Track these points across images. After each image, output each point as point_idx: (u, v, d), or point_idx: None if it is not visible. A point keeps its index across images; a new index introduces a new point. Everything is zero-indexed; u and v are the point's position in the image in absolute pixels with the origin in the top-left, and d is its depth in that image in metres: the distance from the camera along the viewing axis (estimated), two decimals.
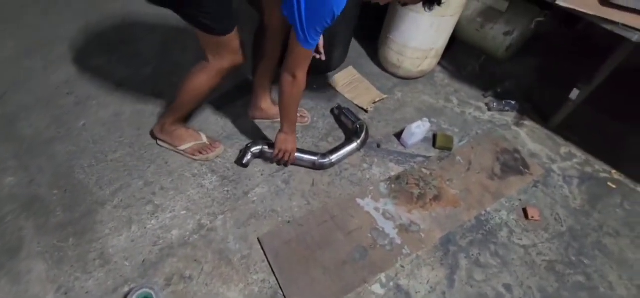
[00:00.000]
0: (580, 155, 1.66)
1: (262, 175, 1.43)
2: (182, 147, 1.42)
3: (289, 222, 1.31)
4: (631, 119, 1.84)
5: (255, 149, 1.42)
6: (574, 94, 1.50)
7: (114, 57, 1.83)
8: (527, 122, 1.76)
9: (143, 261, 1.17)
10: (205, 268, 1.17)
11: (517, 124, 1.75)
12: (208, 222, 1.28)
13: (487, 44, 1.91)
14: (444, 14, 1.58)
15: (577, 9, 1.26)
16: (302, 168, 1.47)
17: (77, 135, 1.49)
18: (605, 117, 1.84)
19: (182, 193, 1.35)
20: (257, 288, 1.15)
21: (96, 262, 1.15)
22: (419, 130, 1.53)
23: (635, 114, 1.87)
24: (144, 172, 1.39)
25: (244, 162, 1.40)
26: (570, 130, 1.71)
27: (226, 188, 1.38)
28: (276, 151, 1.38)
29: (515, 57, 2.02)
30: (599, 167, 1.62)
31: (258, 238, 1.25)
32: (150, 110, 1.60)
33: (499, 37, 1.84)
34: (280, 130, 1.34)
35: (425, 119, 1.57)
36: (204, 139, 1.46)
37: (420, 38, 1.68)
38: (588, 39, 2.07)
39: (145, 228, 1.25)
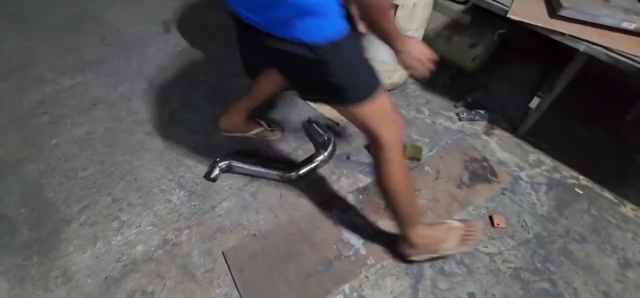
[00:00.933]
0: (548, 162, 1.68)
1: (230, 189, 1.45)
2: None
3: (254, 235, 1.32)
4: (601, 125, 1.87)
5: (223, 164, 1.44)
6: (534, 102, 1.53)
7: (90, 76, 1.86)
8: (497, 131, 1.79)
9: (105, 278, 1.18)
10: (167, 283, 1.18)
11: (487, 133, 1.77)
12: (173, 237, 1.29)
13: (455, 56, 1.95)
14: (408, 28, 1.62)
15: (527, 21, 1.30)
16: (271, 182, 1.48)
17: (48, 154, 1.51)
18: (575, 123, 1.87)
19: (149, 208, 1.36)
20: None
21: (58, 280, 1.16)
22: None
23: (604, 120, 1.90)
24: (113, 188, 1.41)
25: (212, 176, 1.42)
26: (540, 138, 1.74)
27: (193, 203, 1.39)
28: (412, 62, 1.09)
29: (485, 68, 2.06)
30: (567, 173, 1.65)
31: (222, 252, 1.26)
32: (124, 128, 1.62)
33: (465, 49, 1.88)
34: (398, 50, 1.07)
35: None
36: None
37: (387, 51, 1.71)
38: (553, 47, 2.12)
39: (110, 244, 1.25)
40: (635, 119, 1.93)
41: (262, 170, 1.46)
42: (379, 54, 1.73)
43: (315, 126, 1.65)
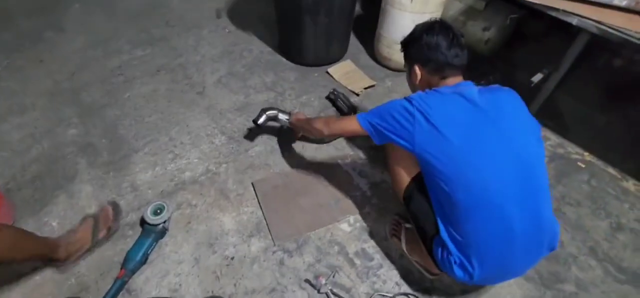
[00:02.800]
0: (554, 138, 1.79)
1: (261, 138, 1.73)
2: None
3: (278, 172, 1.59)
4: (616, 111, 1.94)
5: (271, 112, 1.59)
6: (537, 77, 1.66)
7: (156, 49, 2.26)
8: None
9: (161, 191, 1.50)
10: (207, 200, 1.48)
11: None
12: (214, 168, 1.59)
13: (469, 40, 2.11)
14: (424, 12, 1.82)
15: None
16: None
17: (122, 104, 1.89)
18: (590, 109, 1.95)
19: (197, 147, 1.68)
20: (246, 217, 1.43)
21: (128, 189, 1.50)
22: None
23: (620, 106, 1.96)
24: (170, 131, 1.75)
25: (260, 122, 1.58)
26: (548, 117, 1.85)
27: (231, 146, 1.69)
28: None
29: (500, 54, 2.20)
30: (572, 149, 1.75)
31: (252, 183, 1.54)
32: (180, 88, 1.98)
33: (478, 32, 2.03)
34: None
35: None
36: None
37: (404, 33, 1.92)
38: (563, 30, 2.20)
39: (165, 169, 1.58)
40: None
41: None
42: (396, 37, 1.96)
43: (340, 97, 1.88)
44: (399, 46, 1.96)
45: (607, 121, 1.90)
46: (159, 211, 1.32)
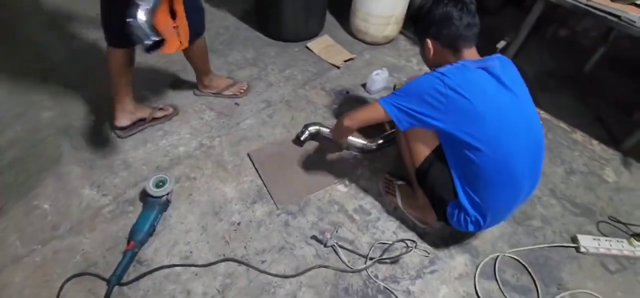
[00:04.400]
0: None
1: (250, 111, 1.77)
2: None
3: (272, 143, 1.64)
4: (563, 75, 2.21)
5: (313, 129, 1.59)
6: (501, 44, 1.85)
7: None
8: None
9: (157, 166, 1.49)
10: (206, 172, 1.50)
11: None
12: (208, 142, 1.61)
13: None
14: None
15: None
16: (284, 107, 1.80)
17: (100, 83, 1.81)
18: (544, 74, 2.20)
19: (186, 123, 1.68)
20: (247, 186, 1.47)
21: (120, 166, 1.48)
22: (379, 77, 1.87)
23: (567, 72, 2.23)
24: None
25: (302, 138, 1.58)
26: None
27: (222, 120, 1.71)
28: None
29: None
30: None
31: (247, 154, 1.58)
32: (161, 65, 1.93)
33: None
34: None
35: (383, 68, 1.91)
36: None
37: (380, 5, 2.04)
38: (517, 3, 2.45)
39: (157, 145, 1.57)
40: (591, 71, 2.26)
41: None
42: (372, 9, 2.06)
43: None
44: (375, 19, 2.09)
45: (557, 84, 2.16)
46: (161, 183, 1.33)
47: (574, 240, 1.44)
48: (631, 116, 2.01)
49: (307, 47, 2.17)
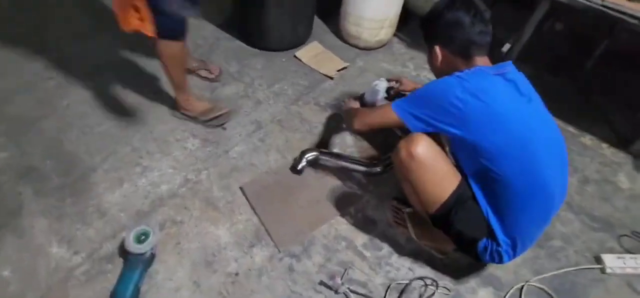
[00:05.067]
0: None
1: (240, 136, 1.58)
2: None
3: (266, 172, 1.47)
4: (566, 73, 2.12)
5: (310, 156, 1.43)
6: (506, 47, 1.74)
7: (92, 43, 1.92)
8: None
9: (137, 211, 1.30)
10: (194, 213, 1.32)
11: None
12: (193, 177, 1.42)
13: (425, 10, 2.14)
14: None
15: None
16: (276, 128, 1.63)
17: (62, 113, 1.59)
18: (543, 72, 2.10)
19: (168, 155, 1.48)
20: (242, 226, 1.31)
21: (94, 215, 1.28)
22: (378, 87, 1.71)
23: (569, 68, 2.15)
24: (130, 139, 1.52)
25: (299, 168, 1.42)
26: None
27: (208, 148, 1.52)
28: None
29: None
30: None
31: (240, 187, 1.41)
32: (132, 88, 1.71)
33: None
34: None
35: (381, 78, 1.76)
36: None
37: (373, 8, 1.88)
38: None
39: (136, 185, 1.37)
40: (594, 66, 2.18)
41: (348, 162, 1.45)
42: (364, 13, 1.91)
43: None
44: (368, 22, 1.94)
45: (560, 82, 2.07)
46: (143, 237, 1.14)
47: (598, 260, 1.35)
48: (636, 113, 1.94)
49: (295, 56, 1.99)
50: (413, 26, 2.24)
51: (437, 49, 1.10)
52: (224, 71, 1.86)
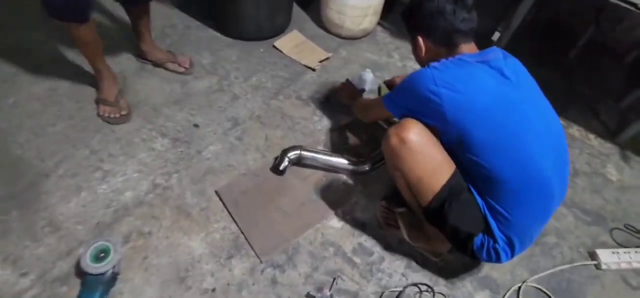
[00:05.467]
0: None
1: (214, 134, 1.44)
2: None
3: (245, 174, 1.34)
4: (549, 62, 2.08)
5: (293, 154, 1.32)
6: (495, 36, 1.67)
7: (44, 31, 1.71)
8: None
9: (97, 223, 1.14)
10: (164, 223, 1.17)
11: None
12: (163, 181, 1.27)
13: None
14: None
15: None
16: (255, 125, 1.50)
17: (8, 113, 1.39)
18: (528, 62, 2.05)
19: (133, 157, 1.32)
20: (219, 235, 1.17)
21: (45, 230, 1.11)
22: (365, 77, 1.61)
23: (553, 58, 2.11)
24: (89, 141, 1.35)
25: (281, 168, 1.30)
26: None
27: (179, 149, 1.37)
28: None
29: None
30: None
31: (216, 191, 1.27)
32: (91, 82, 1.53)
33: None
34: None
35: (367, 69, 1.67)
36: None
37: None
38: None
39: (95, 193, 1.21)
40: (577, 56, 2.16)
41: (334, 160, 1.34)
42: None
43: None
44: (351, 10, 1.82)
45: (545, 74, 2.03)
46: (102, 254, 0.99)
47: (593, 255, 1.31)
48: (620, 102, 1.93)
49: (274, 46, 1.85)
50: (397, 14, 2.13)
51: (420, 39, 1.06)
52: (196, 63, 1.70)
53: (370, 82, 1.64)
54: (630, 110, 1.88)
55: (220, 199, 1.25)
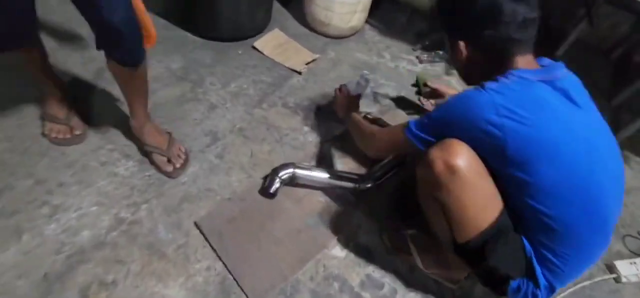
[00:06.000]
0: None
1: (191, 151, 1.23)
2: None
3: (229, 198, 1.14)
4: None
5: (284, 174, 1.13)
6: None
7: None
8: (455, 71, 1.81)
9: (44, 275, 0.91)
10: (132, 268, 0.96)
11: (448, 73, 1.79)
12: (129, 215, 1.05)
13: None
14: None
15: None
16: (237, 139, 1.30)
17: None
18: None
19: (89, 186, 1.09)
20: (202, 278, 0.97)
21: None
22: (362, 81, 1.41)
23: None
24: (33, 168, 1.10)
25: (271, 191, 1.11)
26: None
27: (147, 173, 1.15)
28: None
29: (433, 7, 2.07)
30: None
31: (195, 223, 1.07)
32: (35, 95, 1.27)
33: None
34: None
35: (365, 72, 1.50)
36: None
37: None
38: None
39: (42, 235, 0.97)
40: (566, 53, 2.11)
41: (332, 180, 1.18)
42: None
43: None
44: (340, 7, 1.65)
45: None
46: None
47: (611, 268, 1.23)
48: (611, 101, 1.90)
49: (254, 47, 1.65)
50: (385, 10, 2.01)
51: (462, 45, 0.85)
52: (165, 68, 1.47)
53: (370, 87, 1.44)
54: (621, 108, 1.85)
55: (201, 232, 1.05)
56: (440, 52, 1.81)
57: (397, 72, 1.72)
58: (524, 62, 0.81)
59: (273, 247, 1.06)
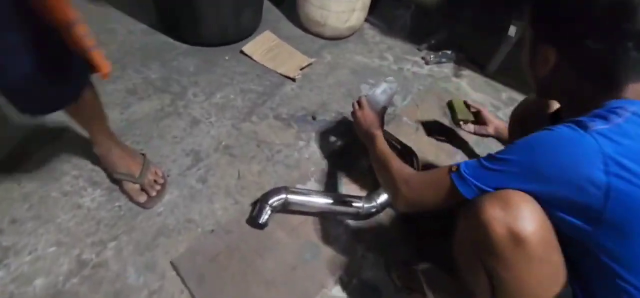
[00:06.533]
0: (520, 98, 1.59)
1: (169, 176, 1.07)
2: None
3: (212, 231, 0.98)
4: None
5: (275, 201, 0.97)
6: (512, 30, 1.40)
7: None
8: (466, 72, 1.65)
9: None
10: None
11: (457, 75, 1.63)
12: (93, 256, 0.89)
13: None
14: None
15: None
16: (223, 158, 1.14)
17: None
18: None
19: (48, 222, 0.93)
20: None
21: None
22: (380, 91, 1.12)
23: None
24: None
25: (261, 221, 0.96)
26: (507, 76, 1.64)
27: (117, 203, 0.99)
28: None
29: (445, 7, 1.91)
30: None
31: (171, 262, 0.91)
32: None
33: None
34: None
35: (389, 78, 1.32)
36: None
37: None
38: None
39: None
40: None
41: (331, 206, 1.02)
42: None
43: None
44: (336, 5, 1.49)
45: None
46: None
47: None
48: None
49: (242, 51, 1.50)
50: (385, 7, 1.85)
51: (552, 54, 0.64)
52: (143, 79, 1.31)
53: (389, 95, 1.19)
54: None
55: (178, 274, 0.89)
56: (448, 52, 1.65)
57: (402, 76, 1.56)
58: (635, 92, 0.59)
59: (263, 291, 0.90)
